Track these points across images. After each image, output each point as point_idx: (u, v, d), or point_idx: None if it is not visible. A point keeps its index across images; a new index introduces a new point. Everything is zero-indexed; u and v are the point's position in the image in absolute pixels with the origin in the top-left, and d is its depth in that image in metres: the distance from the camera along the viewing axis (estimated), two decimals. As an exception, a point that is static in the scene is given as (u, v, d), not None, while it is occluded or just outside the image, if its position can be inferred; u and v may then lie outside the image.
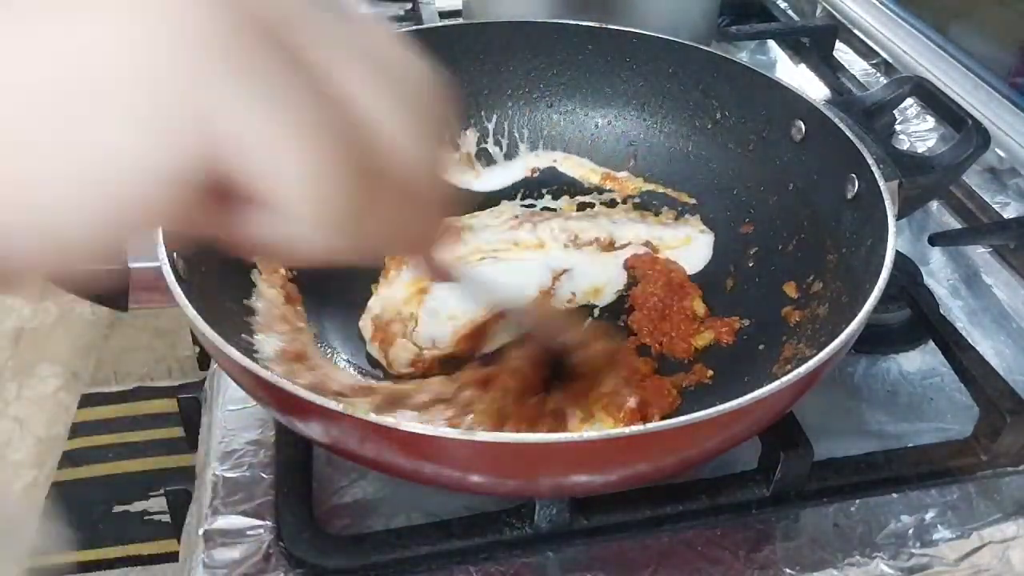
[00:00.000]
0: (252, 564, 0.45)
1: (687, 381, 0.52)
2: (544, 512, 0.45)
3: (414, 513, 0.48)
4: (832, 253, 0.53)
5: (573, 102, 0.67)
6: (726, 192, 0.62)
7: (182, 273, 0.44)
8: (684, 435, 0.37)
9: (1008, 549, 0.47)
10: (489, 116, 0.67)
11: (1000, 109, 0.74)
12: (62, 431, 1.59)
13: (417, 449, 0.37)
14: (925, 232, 0.67)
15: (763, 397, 0.37)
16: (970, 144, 0.55)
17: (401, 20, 0.92)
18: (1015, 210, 0.70)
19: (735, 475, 0.49)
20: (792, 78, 0.85)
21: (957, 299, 0.64)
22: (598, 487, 0.44)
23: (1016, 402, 0.50)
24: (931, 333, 0.57)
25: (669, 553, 0.46)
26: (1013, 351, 0.60)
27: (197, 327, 0.39)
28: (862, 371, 0.58)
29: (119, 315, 1.72)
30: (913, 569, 0.46)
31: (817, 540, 0.47)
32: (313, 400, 0.36)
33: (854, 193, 0.51)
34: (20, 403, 1.66)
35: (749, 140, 0.61)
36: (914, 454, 0.51)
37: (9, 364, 1.74)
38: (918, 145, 0.77)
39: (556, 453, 0.36)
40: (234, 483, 0.49)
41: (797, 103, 0.57)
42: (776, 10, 1.00)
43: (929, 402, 0.56)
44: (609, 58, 0.66)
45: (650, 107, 0.66)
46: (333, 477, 0.50)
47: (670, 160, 0.65)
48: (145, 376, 1.70)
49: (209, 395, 0.57)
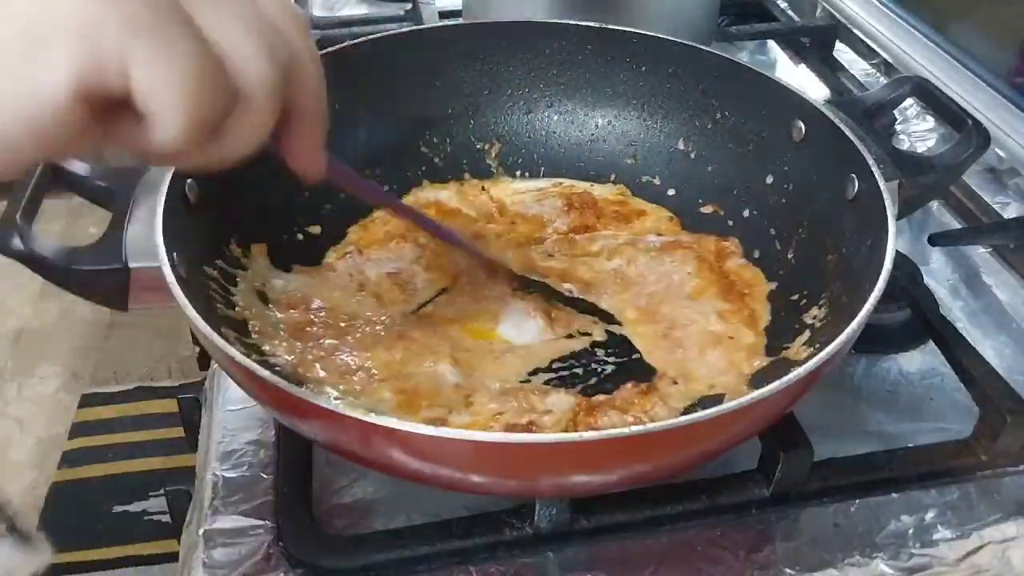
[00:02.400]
0: (252, 564, 0.45)
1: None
2: (544, 512, 0.45)
3: (414, 513, 0.48)
4: (832, 253, 0.53)
5: (573, 102, 0.67)
6: (726, 192, 0.62)
7: (182, 273, 0.44)
8: (684, 435, 0.37)
9: (1008, 549, 0.47)
10: (489, 116, 0.67)
11: (1000, 109, 0.74)
12: (62, 431, 1.59)
13: (417, 449, 0.37)
14: (925, 232, 0.67)
15: (763, 397, 0.37)
16: (970, 144, 0.55)
17: (401, 20, 0.93)
18: (1015, 210, 0.70)
19: (735, 475, 0.49)
20: (792, 78, 0.85)
21: (957, 299, 0.64)
22: (598, 487, 0.44)
23: (1016, 402, 0.50)
24: (931, 333, 0.57)
25: (669, 553, 0.46)
26: (1013, 351, 0.60)
27: (197, 327, 0.40)
28: (862, 371, 0.58)
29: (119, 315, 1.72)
30: (913, 569, 0.46)
31: (817, 540, 0.47)
32: (313, 400, 0.36)
33: (854, 193, 0.51)
34: (20, 403, 1.66)
35: (749, 140, 0.61)
36: (914, 454, 0.51)
37: (9, 364, 1.74)
38: (918, 145, 0.77)
39: (556, 453, 0.36)
40: (234, 483, 0.49)
41: (797, 103, 0.57)
42: (776, 10, 1.00)
43: (929, 402, 0.56)
44: (609, 58, 0.66)
45: (650, 107, 0.66)
46: (333, 477, 0.50)
47: (670, 160, 0.65)
48: (145, 376, 1.70)
49: (209, 395, 0.57)
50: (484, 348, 0.52)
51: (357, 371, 0.49)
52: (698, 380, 0.51)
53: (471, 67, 0.66)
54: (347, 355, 0.50)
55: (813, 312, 0.52)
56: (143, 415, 1.61)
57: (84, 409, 1.63)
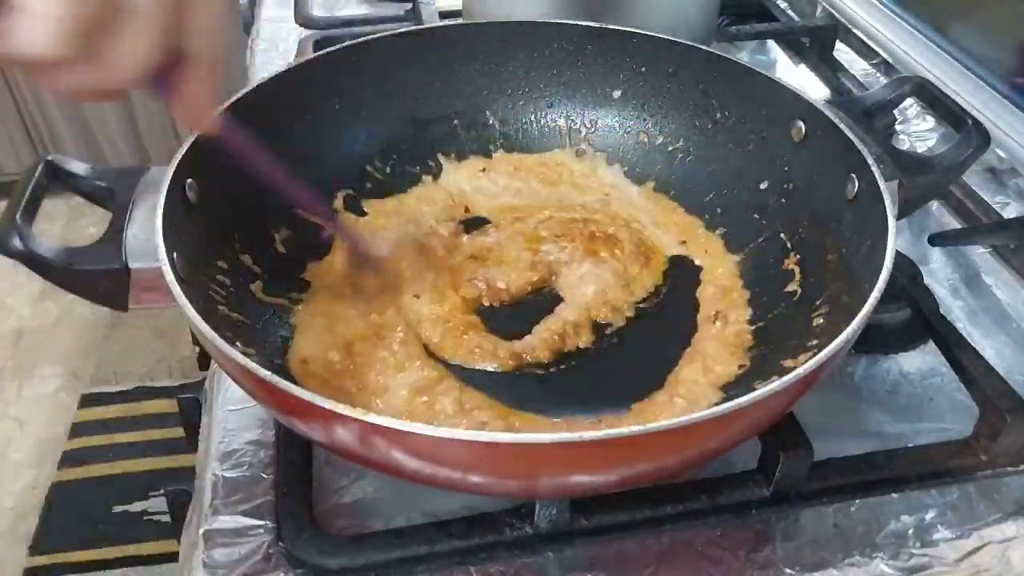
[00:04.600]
0: (252, 564, 0.45)
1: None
2: (544, 512, 0.45)
3: (414, 513, 0.48)
4: (832, 253, 0.53)
5: (573, 102, 0.67)
6: (726, 192, 0.62)
7: (182, 273, 0.44)
8: (684, 435, 0.37)
9: (1008, 549, 0.47)
10: (489, 116, 0.67)
11: (1000, 109, 0.74)
12: (62, 431, 1.59)
13: (417, 449, 0.37)
14: (925, 232, 0.67)
15: (763, 397, 0.37)
16: (970, 144, 0.55)
17: (401, 20, 0.93)
18: (1015, 210, 0.70)
19: (735, 475, 0.49)
20: (792, 78, 0.85)
21: (957, 299, 0.64)
22: (598, 487, 0.44)
23: (1016, 402, 0.50)
24: (931, 333, 0.57)
25: (669, 553, 0.46)
26: (1013, 351, 0.60)
27: (197, 327, 0.39)
28: (862, 371, 0.58)
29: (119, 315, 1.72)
30: (913, 569, 0.46)
31: (817, 540, 0.47)
32: (313, 400, 0.36)
33: (854, 193, 0.51)
34: (20, 403, 1.66)
35: (749, 140, 0.61)
36: (914, 454, 0.51)
37: (9, 364, 1.74)
38: (918, 145, 0.77)
39: (556, 453, 0.36)
40: (234, 483, 0.49)
41: (797, 103, 0.57)
42: (776, 10, 1.00)
43: (929, 402, 0.56)
44: (609, 58, 0.66)
45: (650, 107, 0.66)
46: (333, 477, 0.50)
47: (670, 160, 0.65)
48: (145, 376, 1.70)
49: (209, 395, 0.57)
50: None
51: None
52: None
53: (471, 67, 0.66)
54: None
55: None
56: (143, 415, 1.61)
57: (84, 409, 1.63)
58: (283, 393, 0.37)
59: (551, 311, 0.56)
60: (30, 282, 1.85)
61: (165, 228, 0.44)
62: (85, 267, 0.45)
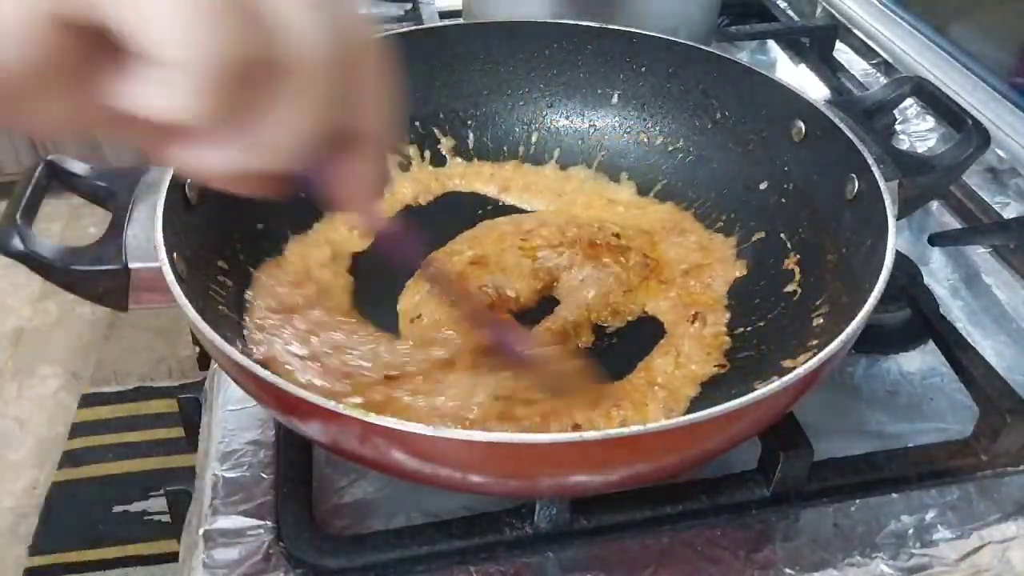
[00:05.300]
0: (252, 564, 0.45)
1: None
2: (544, 512, 0.45)
3: (414, 513, 0.48)
4: (832, 253, 0.53)
5: (573, 102, 0.67)
6: (726, 192, 0.62)
7: (182, 273, 0.44)
8: (684, 435, 0.37)
9: (1008, 549, 0.47)
10: (489, 116, 0.67)
11: (1000, 109, 0.74)
12: (62, 431, 1.59)
13: (417, 449, 0.37)
14: (925, 232, 0.67)
15: (763, 397, 0.37)
16: (970, 144, 0.55)
17: (401, 20, 0.93)
18: (1015, 210, 0.70)
19: (735, 475, 0.49)
20: (792, 78, 0.85)
21: (957, 299, 0.64)
22: (598, 487, 0.44)
23: (1016, 402, 0.50)
24: (931, 333, 0.57)
25: (669, 553, 0.46)
26: (1013, 351, 0.60)
27: (197, 327, 0.39)
28: (862, 371, 0.58)
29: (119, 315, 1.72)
30: (913, 569, 0.46)
31: (817, 540, 0.47)
32: (313, 400, 0.36)
33: (854, 193, 0.51)
34: (20, 403, 1.66)
35: (749, 140, 0.61)
36: (914, 454, 0.51)
37: (9, 364, 1.74)
38: (918, 145, 0.77)
39: (556, 453, 0.36)
40: (234, 483, 0.49)
41: (797, 103, 0.57)
42: (776, 10, 1.00)
43: (929, 402, 0.56)
44: (609, 58, 0.66)
45: (650, 107, 0.66)
46: (333, 477, 0.50)
47: (670, 160, 0.65)
48: (145, 376, 1.70)
49: (209, 395, 0.57)
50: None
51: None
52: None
53: (471, 67, 0.66)
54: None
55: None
56: (143, 415, 1.61)
57: (84, 409, 1.63)
58: (283, 393, 0.37)
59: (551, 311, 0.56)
60: (30, 282, 1.85)
61: (165, 228, 0.44)
62: (85, 267, 0.45)
